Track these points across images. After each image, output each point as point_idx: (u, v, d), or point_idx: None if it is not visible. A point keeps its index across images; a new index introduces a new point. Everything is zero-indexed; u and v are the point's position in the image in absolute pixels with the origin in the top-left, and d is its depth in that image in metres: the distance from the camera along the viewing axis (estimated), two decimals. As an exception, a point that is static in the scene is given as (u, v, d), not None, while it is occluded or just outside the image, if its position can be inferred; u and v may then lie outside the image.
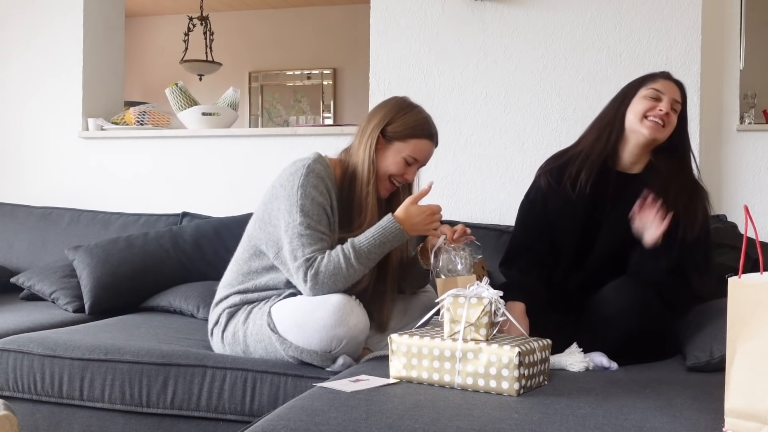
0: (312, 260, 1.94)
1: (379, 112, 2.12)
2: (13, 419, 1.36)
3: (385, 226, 1.99)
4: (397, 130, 2.07)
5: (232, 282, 2.14)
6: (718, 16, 2.98)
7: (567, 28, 3.02)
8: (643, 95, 2.13)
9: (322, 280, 1.93)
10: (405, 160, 2.08)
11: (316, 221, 1.97)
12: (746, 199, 2.93)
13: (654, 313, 1.98)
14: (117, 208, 3.48)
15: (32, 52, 3.74)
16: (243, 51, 6.86)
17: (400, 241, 2.01)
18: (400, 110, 2.09)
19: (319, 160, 2.05)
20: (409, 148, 2.08)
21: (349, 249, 1.95)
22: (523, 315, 2.07)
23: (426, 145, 2.11)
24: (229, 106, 3.57)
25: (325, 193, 2.01)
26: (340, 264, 1.93)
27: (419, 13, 3.16)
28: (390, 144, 2.08)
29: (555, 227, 2.19)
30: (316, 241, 1.96)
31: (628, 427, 1.33)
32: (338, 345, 1.91)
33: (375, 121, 2.09)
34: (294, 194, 1.98)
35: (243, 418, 1.96)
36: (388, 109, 2.11)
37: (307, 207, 1.97)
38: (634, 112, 2.13)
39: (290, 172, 2.03)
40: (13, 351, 2.17)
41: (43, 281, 2.92)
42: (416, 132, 2.08)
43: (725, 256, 2.40)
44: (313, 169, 2.01)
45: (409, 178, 2.13)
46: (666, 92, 2.13)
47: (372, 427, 1.32)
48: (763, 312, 1.25)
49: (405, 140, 2.07)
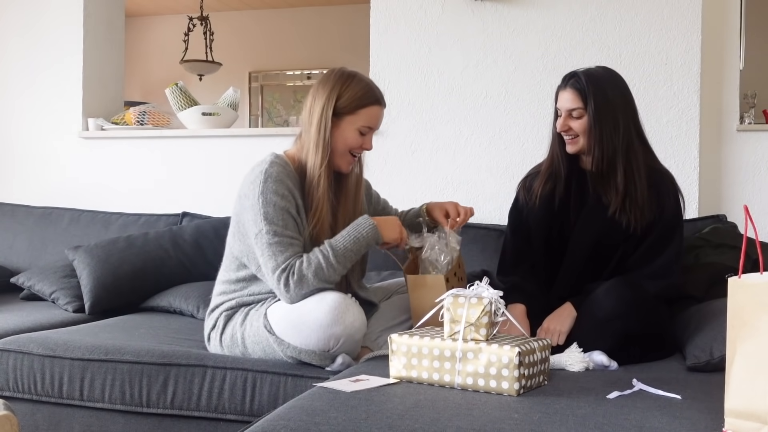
0: (289, 267, 1.93)
1: (322, 91, 2.07)
2: (13, 419, 1.36)
3: (359, 223, 2.01)
4: (346, 105, 2.05)
5: (226, 290, 2.14)
6: (718, 16, 2.98)
7: (567, 28, 3.02)
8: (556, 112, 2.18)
9: (307, 283, 1.93)
10: (359, 131, 2.08)
11: (282, 227, 1.96)
12: (746, 199, 2.93)
13: (650, 313, 1.98)
14: (117, 208, 3.49)
15: (32, 52, 3.74)
16: (243, 51, 6.86)
17: (374, 239, 2.02)
18: (343, 84, 2.06)
19: (275, 162, 2.02)
20: (361, 119, 2.07)
21: (327, 249, 1.95)
22: (524, 317, 2.07)
23: (376, 110, 2.10)
24: (229, 106, 3.57)
25: (287, 194, 1.99)
26: (320, 265, 1.93)
27: (419, 13, 3.16)
28: (341, 120, 2.06)
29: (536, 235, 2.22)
30: (286, 247, 1.95)
31: (628, 427, 1.33)
32: (336, 343, 1.92)
33: (322, 102, 2.05)
34: (256, 203, 1.97)
35: (243, 418, 1.96)
36: (331, 86, 2.06)
37: (270, 214, 1.96)
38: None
39: (249, 181, 2.03)
40: (13, 351, 2.17)
41: (43, 281, 2.92)
42: (364, 101, 2.07)
43: (725, 256, 2.40)
44: (270, 174, 1.99)
45: (368, 146, 2.13)
46: (561, 106, 2.13)
47: (372, 427, 1.32)
48: (763, 312, 1.25)
49: (355, 112, 2.06)
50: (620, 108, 2.08)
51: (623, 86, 2.14)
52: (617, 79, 2.14)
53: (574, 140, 2.12)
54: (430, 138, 3.14)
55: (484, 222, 2.92)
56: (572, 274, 2.14)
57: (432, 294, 1.87)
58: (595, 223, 2.11)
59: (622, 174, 2.07)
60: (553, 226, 2.18)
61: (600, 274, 2.10)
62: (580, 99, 2.08)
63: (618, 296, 1.95)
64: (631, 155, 2.08)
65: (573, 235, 2.15)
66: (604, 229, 2.10)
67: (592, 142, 2.08)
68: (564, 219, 2.17)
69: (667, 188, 2.12)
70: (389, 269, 2.76)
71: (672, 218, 2.10)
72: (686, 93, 2.91)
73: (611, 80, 2.12)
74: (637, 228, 2.07)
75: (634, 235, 2.09)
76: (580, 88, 2.08)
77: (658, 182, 2.12)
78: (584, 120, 2.08)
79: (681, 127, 2.92)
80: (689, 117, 2.91)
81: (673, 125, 2.93)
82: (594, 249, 2.12)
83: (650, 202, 2.08)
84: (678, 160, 2.91)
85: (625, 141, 2.07)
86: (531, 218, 2.22)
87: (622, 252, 2.11)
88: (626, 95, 2.13)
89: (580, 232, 2.14)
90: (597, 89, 2.07)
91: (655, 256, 2.07)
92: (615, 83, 2.12)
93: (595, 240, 2.11)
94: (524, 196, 2.26)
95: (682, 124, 2.92)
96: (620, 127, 2.07)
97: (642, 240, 2.09)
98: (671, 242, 2.09)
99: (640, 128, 2.16)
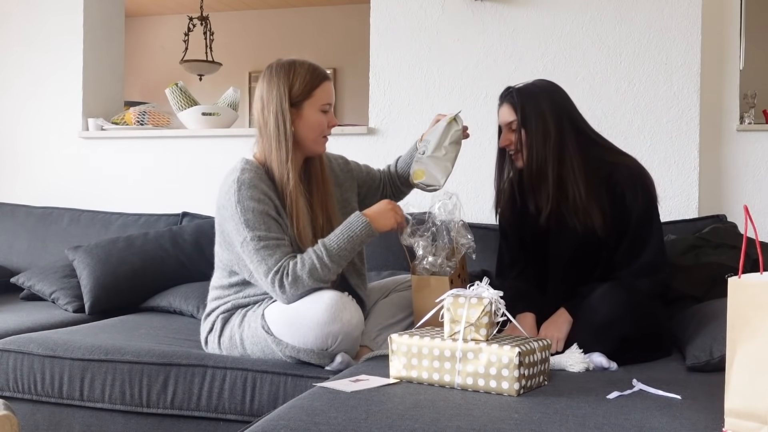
0: (282, 269, 1.94)
1: (269, 87, 2.06)
2: (13, 419, 1.36)
3: (351, 221, 2.00)
4: (300, 91, 2.05)
5: (221, 295, 2.14)
6: (718, 16, 2.98)
7: (567, 28, 3.02)
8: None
9: (302, 284, 1.93)
10: (321, 110, 2.08)
11: (265, 230, 1.97)
12: (746, 199, 2.93)
13: (646, 315, 1.97)
14: (117, 208, 3.49)
15: (32, 52, 3.74)
16: (243, 51, 6.86)
17: (368, 235, 2.01)
18: (289, 73, 2.06)
19: (245, 168, 2.03)
20: (318, 99, 2.07)
21: (321, 249, 1.96)
22: (534, 327, 2.06)
23: (328, 85, 2.11)
24: (229, 106, 3.57)
25: (264, 198, 1.99)
26: (315, 265, 1.93)
27: (419, 13, 3.16)
28: (301, 108, 2.06)
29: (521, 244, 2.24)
30: (274, 249, 1.95)
31: (628, 427, 1.33)
32: (334, 342, 1.92)
33: (275, 98, 2.04)
34: (236, 213, 1.98)
35: (243, 418, 1.96)
36: (278, 79, 2.05)
37: (251, 221, 1.96)
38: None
39: (224, 191, 2.03)
40: (13, 351, 2.17)
41: (43, 281, 2.92)
42: (316, 81, 2.08)
43: (725, 256, 2.40)
44: (243, 181, 2.00)
45: (334, 122, 2.13)
46: (500, 121, 2.18)
47: (372, 427, 1.32)
48: (763, 312, 1.25)
49: (311, 94, 2.07)
50: (549, 114, 2.08)
51: (556, 94, 2.13)
52: (550, 89, 2.14)
53: (517, 155, 2.14)
54: (430, 138, 3.14)
55: (484, 222, 2.92)
56: (560, 280, 2.14)
57: (435, 295, 1.87)
58: (565, 235, 2.10)
59: (552, 181, 2.07)
60: (528, 237, 2.19)
61: (588, 277, 2.10)
62: (513, 111, 2.11)
63: (613, 300, 1.94)
64: (565, 160, 2.07)
65: (550, 246, 2.15)
66: (578, 240, 2.09)
67: (527, 152, 2.09)
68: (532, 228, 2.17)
69: (625, 182, 2.08)
70: (389, 269, 2.76)
71: (644, 212, 2.07)
72: (686, 93, 2.91)
73: (543, 90, 2.13)
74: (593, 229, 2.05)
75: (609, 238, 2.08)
76: (512, 103, 2.12)
77: (610, 177, 2.09)
78: (519, 134, 2.11)
79: (681, 127, 2.92)
80: (689, 117, 2.92)
81: (673, 125, 2.93)
82: (574, 257, 2.12)
83: (600, 200, 2.06)
84: (678, 160, 2.91)
85: (556, 147, 2.07)
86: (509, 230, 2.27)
87: (606, 255, 2.10)
88: (557, 101, 2.11)
89: (555, 244, 2.14)
90: (526, 100, 2.09)
91: (637, 252, 2.07)
92: (547, 92, 2.12)
93: (573, 250, 2.11)
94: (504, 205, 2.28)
95: (682, 124, 2.92)
96: (550, 134, 2.07)
97: (620, 239, 2.08)
98: (650, 236, 2.07)
99: (583, 130, 2.14)
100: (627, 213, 2.07)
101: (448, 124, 2.16)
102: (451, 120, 2.17)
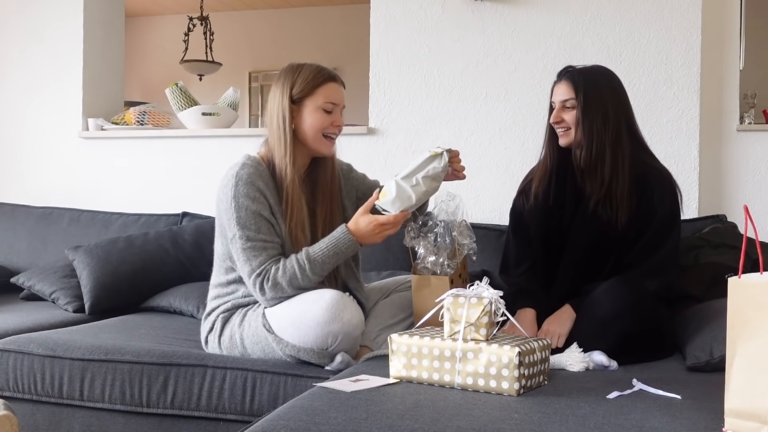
0: (264, 272, 1.97)
1: (275, 87, 2.12)
2: (13, 419, 1.36)
3: (338, 237, 2.01)
4: (301, 88, 2.08)
5: (220, 294, 2.14)
6: (718, 16, 2.98)
7: (567, 28, 3.02)
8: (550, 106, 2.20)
9: (281, 290, 1.96)
10: (323, 110, 2.10)
11: (255, 231, 1.99)
12: (746, 199, 2.93)
13: (648, 311, 1.98)
14: (117, 208, 3.49)
15: (32, 52, 3.74)
16: (243, 51, 6.86)
17: (353, 251, 2.04)
18: (293, 73, 2.11)
19: (246, 164, 2.05)
20: (320, 97, 2.09)
21: (304, 260, 1.97)
22: (534, 322, 2.06)
23: (333, 86, 2.13)
24: (229, 106, 3.57)
25: (259, 196, 2.01)
26: (295, 274, 1.96)
27: (419, 13, 3.16)
28: (301, 105, 2.09)
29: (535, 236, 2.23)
30: (260, 251, 1.98)
31: (628, 427, 1.33)
32: (334, 341, 1.92)
33: (278, 96, 2.10)
34: (230, 208, 2.00)
35: (243, 418, 1.96)
36: (282, 79, 2.11)
37: (243, 219, 1.99)
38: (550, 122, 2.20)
39: (223, 185, 2.06)
40: (13, 351, 2.17)
41: (43, 281, 2.92)
42: (318, 80, 2.10)
43: (725, 256, 2.40)
44: (241, 177, 2.02)
45: (339, 122, 2.15)
46: (556, 98, 2.18)
47: (372, 427, 1.32)
48: (763, 312, 1.25)
49: (312, 93, 2.09)
50: (611, 102, 2.11)
51: (617, 83, 2.17)
52: (611, 77, 2.18)
53: (566, 132, 2.15)
54: (430, 138, 3.14)
55: (485, 222, 2.92)
56: (570, 274, 2.14)
57: (435, 295, 1.87)
58: (591, 224, 2.11)
59: (609, 167, 2.09)
60: (551, 225, 2.19)
61: (598, 274, 2.10)
62: (573, 90, 2.12)
63: (616, 295, 1.95)
64: (618, 150, 2.10)
65: (569, 236, 2.15)
66: (599, 231, 2.10)
67: (582, 133, 2.10)
68: (560, 217, 2.18)
69: (657, 183, 2.11)
70: (389, 269, 2.76)
71: (668, 214, 2.10)
72: (686, 93, 2.91)
73: (605, 76, 2.16)
74: (617, 224, 2.07)
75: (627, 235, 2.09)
76: (573, 80, 2.13)
77: (644, 177, 2.12)
78: (576, 111, 2.11)
79: (681, 127, 2.92)
80: (689, 117, 2.92)
81: (673, 125, 2.93)
82: (590, 250, 2.12)
83: (630, 198, 2.09)
84: (678, 160, 2.91)
85: (613, 135, 2.10)
86: (530, 219, 2.24)
87: (619, 252, 2.11)
88: (619, 92, 2.16)
89: (576, 233, 2.14)
90: (588, 81, 2.12)
91: (652, 252, 2.08)
92: (608, 79, 2.16)
93: (591, 241, 2.12)
94: (523, 198, 2.28)
95: (682, 124, 2.92)
96: (610, 120, 2.10)
97: (637, 238, 2.09)
98: (668, 238, 2.09)
99: (634, 126, 2.18)
100: (651, 213, 2.09)
101: (429, 157, 2.02)
102: (435, 155, 2.03)
